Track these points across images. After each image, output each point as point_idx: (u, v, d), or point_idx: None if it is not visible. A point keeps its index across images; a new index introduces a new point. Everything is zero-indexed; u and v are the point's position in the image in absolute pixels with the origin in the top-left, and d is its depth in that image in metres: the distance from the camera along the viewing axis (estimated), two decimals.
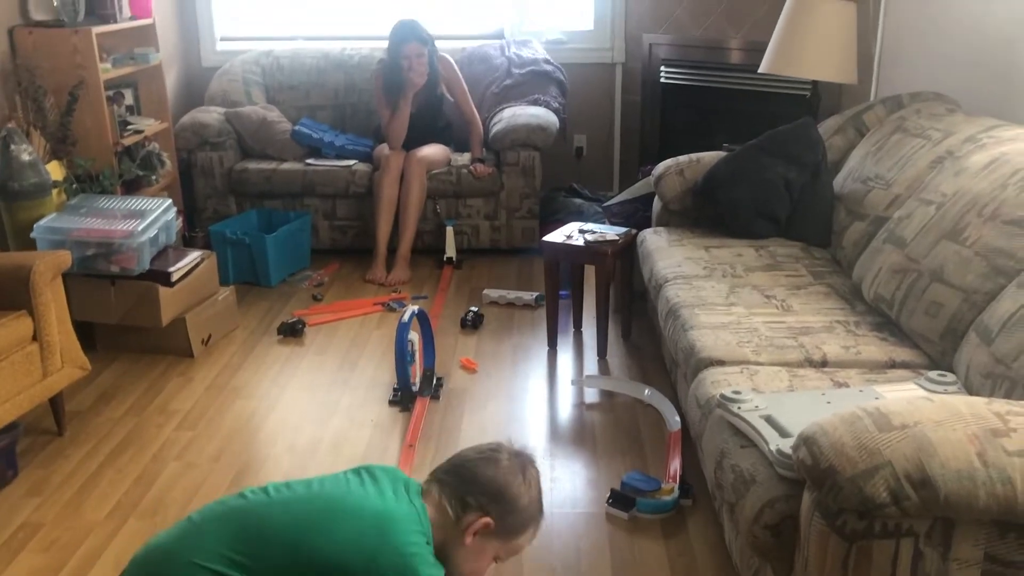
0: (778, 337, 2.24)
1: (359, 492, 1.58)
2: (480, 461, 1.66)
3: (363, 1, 4.86)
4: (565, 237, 3.22)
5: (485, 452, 1.69)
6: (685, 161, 3.22)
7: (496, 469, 1.64)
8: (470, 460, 1.67)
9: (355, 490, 1.59)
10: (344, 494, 1.58)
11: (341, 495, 1.57)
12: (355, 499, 1.56)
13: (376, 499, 1.56)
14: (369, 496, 1.57)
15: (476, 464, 1.66)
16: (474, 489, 1.62)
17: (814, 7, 3.25)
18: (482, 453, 1.69)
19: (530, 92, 4.42)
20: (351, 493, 1.58)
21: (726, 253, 2.87)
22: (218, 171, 4.18)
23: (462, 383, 3.04)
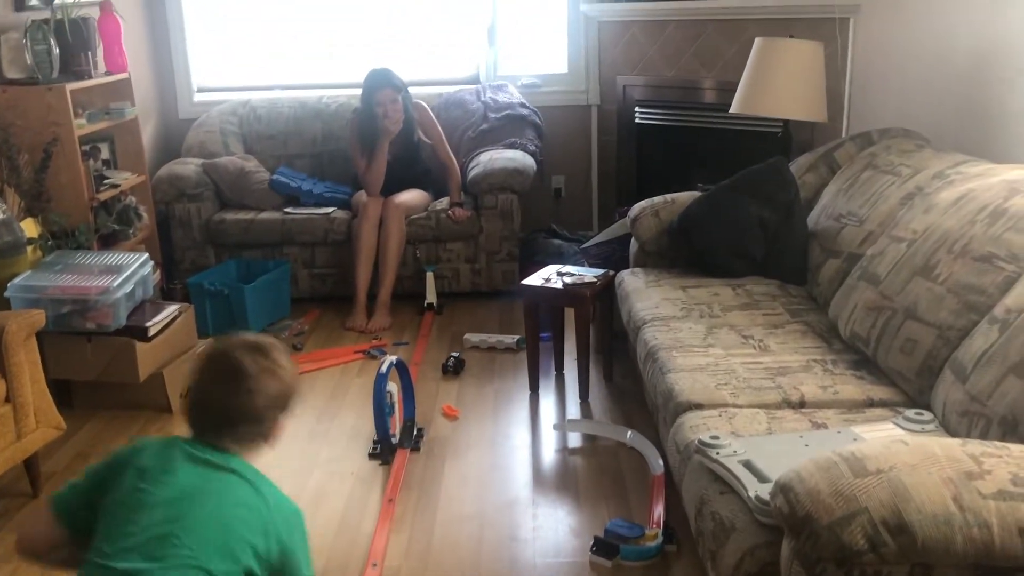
0: (756, 378, 2.24)
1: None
2: (240, 379, 1.53)
3: (339, 50, 4.90)
4: (543, 280, 3.22)
5: (236, 372, 1.54)
6: (660, 202, 3.24)
7: (257, 375, 1.54)
8: (239, 390, 1.53)
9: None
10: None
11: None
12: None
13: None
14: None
15: (242, 386, 1.53)
16: (265, 416, 1.56)
17: (781, 48, 3.30)
18: (239, 379, 1.54)
19: (507, 136, 4.45)
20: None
21: (703, 293, 2.88)
22: (196, 222, 4.18)
23: (443, 431, 3.01)
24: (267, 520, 1.50)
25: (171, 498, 1.47)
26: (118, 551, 1.43)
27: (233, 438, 1.55)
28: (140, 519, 1.45)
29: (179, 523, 1.44)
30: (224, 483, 1.51)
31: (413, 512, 2.55)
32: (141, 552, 1.42)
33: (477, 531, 2.45)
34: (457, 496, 2.62)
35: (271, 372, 1.55)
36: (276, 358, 1.58)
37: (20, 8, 3.55)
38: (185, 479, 1.49)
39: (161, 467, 1.50)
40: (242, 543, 1.46)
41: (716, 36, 4.13)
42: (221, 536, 1.45)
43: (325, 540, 2.41)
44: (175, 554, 1.42)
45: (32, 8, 3.58)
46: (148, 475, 1.49)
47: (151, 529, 1.44)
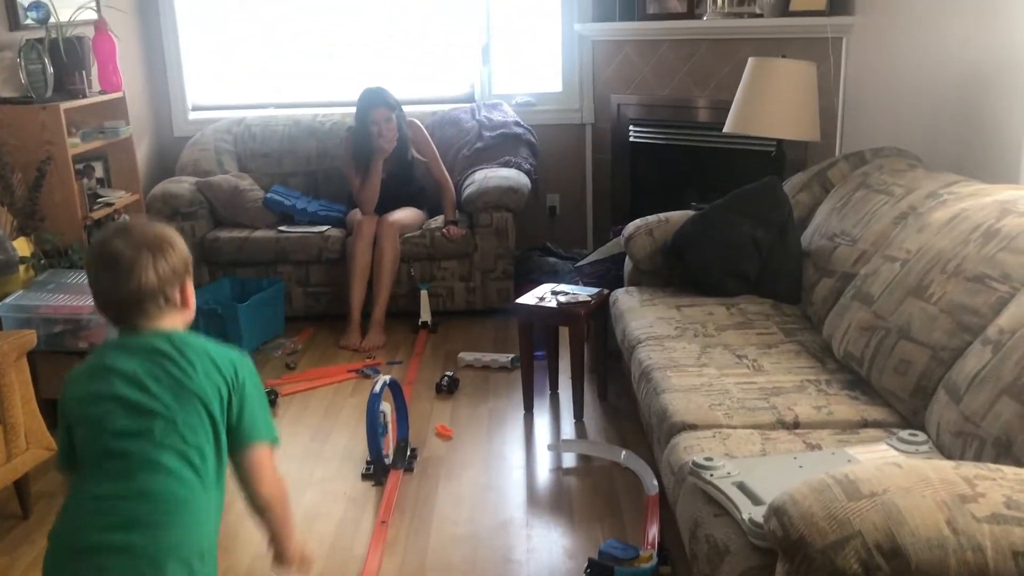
0: (750, 399, 2.23)
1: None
2: (135, 270, 1.52)
3: (334, 68, 4.92)
4: (537, 299, 3.22)
5: (126, 263, 1.52)
6: (654, 221, 3.25)
7: (137, 263, 1.52)
8: (134, 273, 1.52)
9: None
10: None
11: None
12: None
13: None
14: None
15: (136, 271, 1.52)
16: (166, 280, 1.54)
17: (774, 68, 3.32)
18: (130, 268, 1.52)
19: (501, 154, 4.47)
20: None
21: (697, 312, 2.88)
22: (190, 241, 4.10)
23: (437, 451, 3.00)
24: (193, 380, 1.51)
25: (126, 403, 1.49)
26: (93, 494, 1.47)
27: (144, 316, 1.55)
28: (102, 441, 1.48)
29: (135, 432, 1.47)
30: (169, 360, 1.52)
31: (406, 534, 2.53)
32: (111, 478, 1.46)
33: (471, 553, 2.44)
34: (451, 517, 2.61)
35: (151, 247, 1.54)
36: (150, 231, 1.57)
37: (15, 27, 3.56)
38: (133, 380, 1.50)
39: (100, 384, 1.51)
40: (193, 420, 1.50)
41: (709, 56, 4.15)
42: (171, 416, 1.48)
43: (317, 562, 2.39)
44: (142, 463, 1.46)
45: (27, 27, 3.59)
46: (88, 399, 1.51)
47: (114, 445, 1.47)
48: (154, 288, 1.53)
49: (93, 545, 1.43)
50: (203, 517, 1.49)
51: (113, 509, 1.44)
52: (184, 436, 1.48)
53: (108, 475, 1.47)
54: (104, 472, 1.47)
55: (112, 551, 1.43)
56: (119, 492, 1.45)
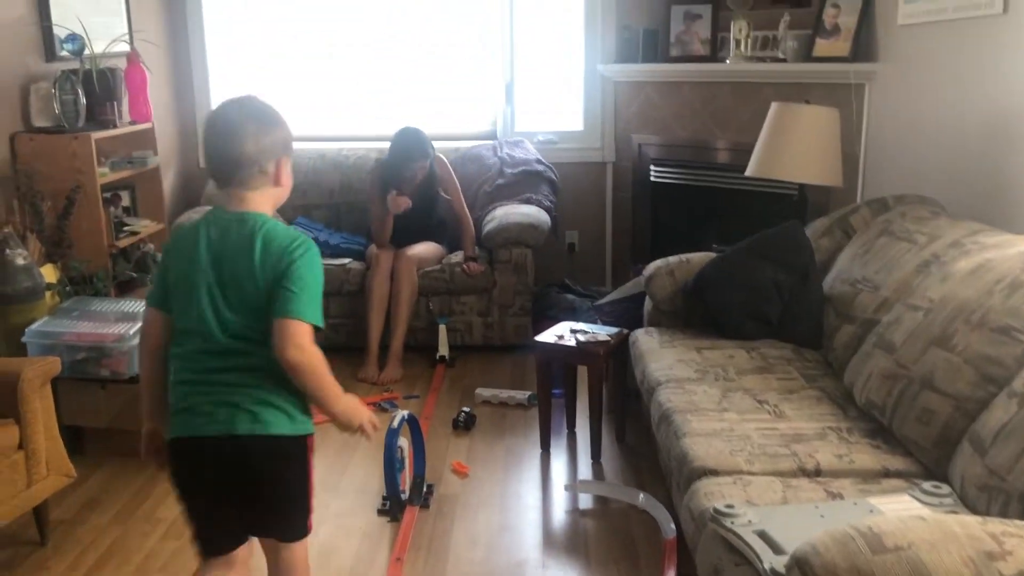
0: (771, 445, 2.22)
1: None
2: (241, 134, 1.74)
3: (359, 103, 4.98)
4: (557, 337, 3.22)
5: (234, 128, 1.75)
6: (675, 262, 3.25)
7: (246, 129, 1.75)
8: (239, 137, 1.74)
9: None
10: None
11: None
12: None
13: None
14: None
15: (241, 136, 1.74)
16: (262, 155, 1.76)
17: (798, 113, 3.34)
18: (234, 133, 1.75)
19: (522, 191, 4.50)
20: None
21: (718, 355, 2.88)
22: None
23: (453, 489, 3.00)
24: (260, 261, 1.73)
25: (208, 267, 1.74)
26: (183, 330, 1.78)
27: (241, 182, 1.76)
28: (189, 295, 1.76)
29: (217, 289, 1.74)
30: (241, 238, 1.75)
31: (421, 572, 2.52)
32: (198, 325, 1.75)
33: None
34: (466, 557, 2.59)
35: (258, 121, 1.76)
36: (261, 108, 1.79)
37: (51, 59, 3.64)
38: (214, 250, 1.75)
39: (191, 246, 1.77)
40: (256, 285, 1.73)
41: (730, 98, 4.18)
42: (240, 285, 1.74)
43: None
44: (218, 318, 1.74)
45: (63, 59, 3.66)
46: (184, 255, 1.78)
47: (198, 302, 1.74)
48: (252, 156, 1.74)
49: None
50: (262, 371, 1.74)
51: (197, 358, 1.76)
52: (245, 303, 1.73)
53: (190, 322, 1.76)
54: (186, 318, 1.77)
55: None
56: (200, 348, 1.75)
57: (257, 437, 1.74)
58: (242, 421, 1.74)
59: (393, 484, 2.80)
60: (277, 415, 1.76)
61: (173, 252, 1.83)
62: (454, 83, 4.95)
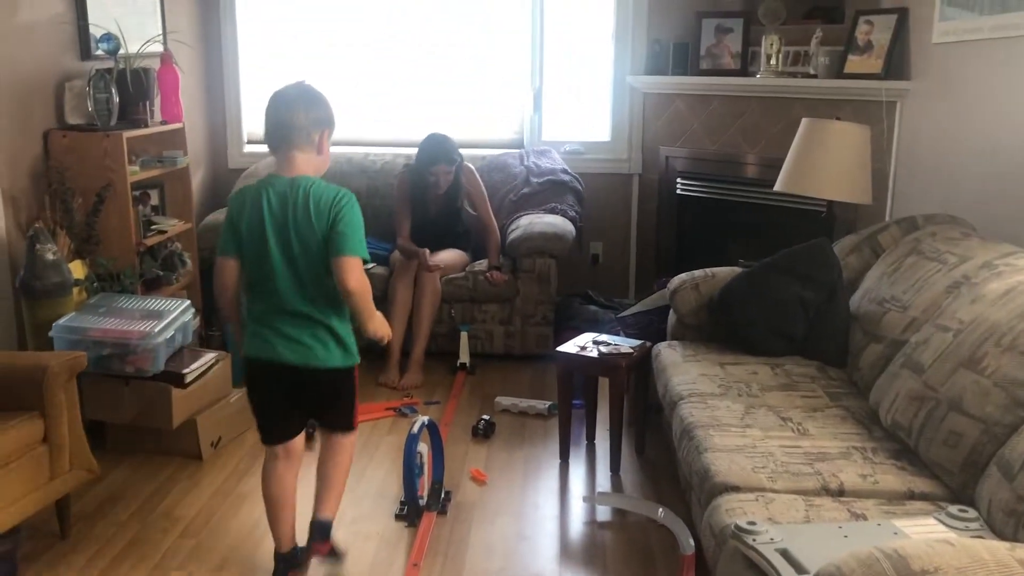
0: (794, 463, 2.20)
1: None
2: (294, 109, 2.26)
3: (387, 109, 5.00)
4: (579, 348, 3.22)
5: (290, 102, 2.28)
6: (700, 276, 3.24)
7: (298, 105, 2.27)
8: (292, 111, 2.26)
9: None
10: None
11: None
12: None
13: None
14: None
15: (294, 110, 2.26)
16: (310, 126, 2.27)
17: (828, 129, 3.32)
18: (289, 108, 2.27)
19: (547, 200, 4.50)
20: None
21: (741, 371, 2.86)
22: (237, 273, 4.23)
23: (471, 496, 2.99)
24: (314, 215, 2.22)
25: (272, 225, 2.23)
26: (257, 276, 2.28)
27: (293, 145, 2.26)
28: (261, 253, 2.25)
29: (282, 240, 2.23)
30: (296, 198, 2.23)
31: None
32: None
33: None
34: (482, 566, 2.59)
35: (307, 100, 2.28)
36: (311, 91, 2.32)
37: (86, 57, 3.69)
38: (275, 210, 2.24)
39: (256, 206, 2.25)
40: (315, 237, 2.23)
41: (760, 113, 4.17)
42: (300, 235, 2.22)
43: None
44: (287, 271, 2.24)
45: (97, 58, 3.71)
46: (251, 212, 2.26)
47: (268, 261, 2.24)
48: (302, 124, 2.25)
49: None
50: (324, 302, 2.27)
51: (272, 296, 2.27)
52: (306, 250, 2.23)
53: (262, 268, 2.25)
54: (259, 266, 2.26)
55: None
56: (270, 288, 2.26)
57: (319, 368, 2.30)
58: (308, 356, 2.28)
59: (412, 489, 2.80)
60: (335, 350, 2.32)
61: (241, 210, 2.28)
62: (483, 90, 4.97)
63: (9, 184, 3.28)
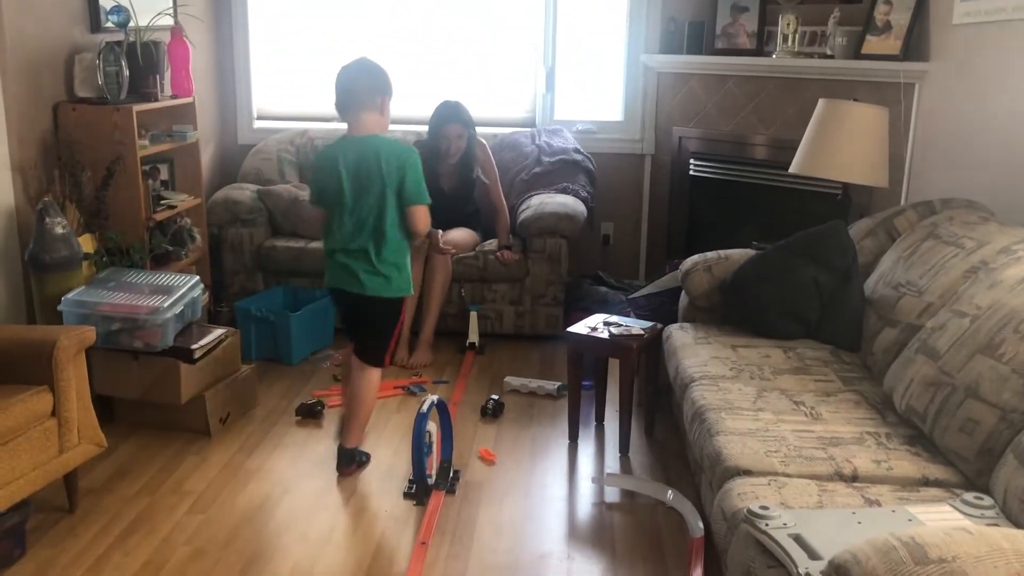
0: (807, 447, 2.18)
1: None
2: (358, 78, 2.85)
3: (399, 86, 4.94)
4: (589, 329, 3.19)
5: (353, 73, 2.87)
6: (713, 258, 3.21)
7: (361, 75, 2.86)
8: (356, 80, 2.85)
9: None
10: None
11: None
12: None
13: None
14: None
15: (358, 80, 2.85)
16: (372, 92, 2.84)
17: (845, 111, 3.27)
18: (353, 77, 2.86)
19: (559, 180, 4.46)
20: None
21: (754, 354, 2.83)
22: (247, 247, 4.23)
23: (479, 475, 2.99)
24: (382, 169, 2.76)
25: (347, 178, 2.79)
26: (335, 221, 2.84)
27: (361, 106, 2.81)
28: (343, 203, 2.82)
29: (356, 191, 2.79)
30: (368, 155, 2.78)
31: (445, 557, 2.51)
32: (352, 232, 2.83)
33: None
34: (490, 545, 2.58)
35: (368, 71, 2.86)
36: (371, 63, 2.89)
37: (96, 30, 3.65)
38: (351, 166, 2.79)
39: (333, 164, 2.79)
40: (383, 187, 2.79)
41: (775, 94, 4.11)
42: (372, 186, 2.78)
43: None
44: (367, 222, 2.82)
45: (107, 30, 3.67)
46: (330, 169, 2.81)
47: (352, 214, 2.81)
48: (367, 89, 2.81)
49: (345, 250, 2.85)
50: (377, 241, 2.81)
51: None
52: (377, 200, 2.78)
53: (340, 215, 2.82)
54: (334, 210, 2.83)
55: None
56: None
57: (366, 296, 2.82)
58: (365, 286, 2.81)
59: (420, 468, 2.80)
60: (387, 282, 2.83)
61: (322, 168, 2.84)
62: (495, 68, 4.91)
63: (19, 157, 3.26)
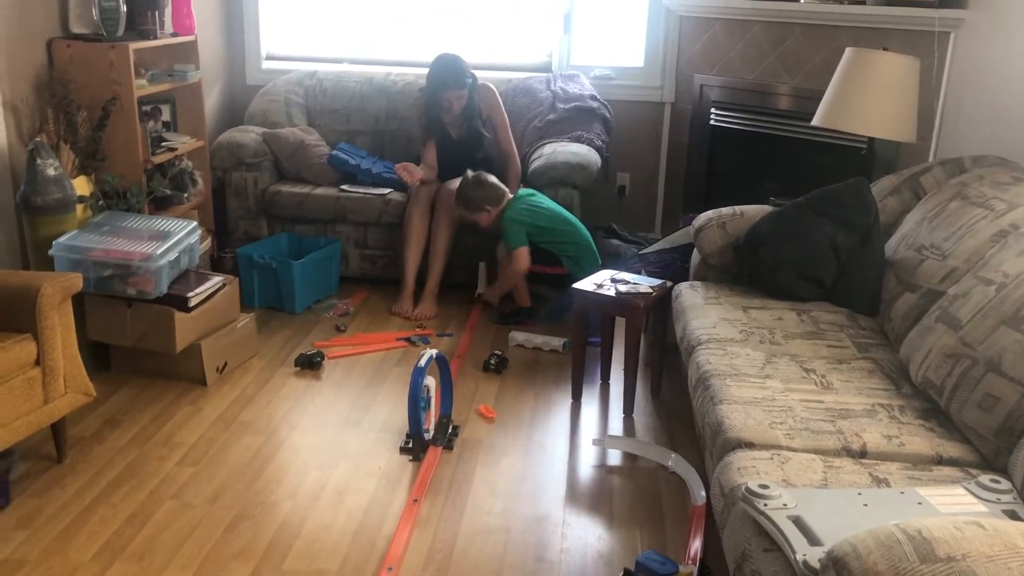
0: (815, 419, 2.06)
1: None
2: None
3: (410, 28, 4.78)
4: (596, 286, 3.07)
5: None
6: (728, 214, 3.06)
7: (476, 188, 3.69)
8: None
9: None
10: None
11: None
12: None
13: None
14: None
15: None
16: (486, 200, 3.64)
17: (874, 61, 3.08)
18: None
19: (573, 128, 4.30)
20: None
21: (766, 316, 2.70)
22: (251, 192, 4.12)
23: (478, 433, 2.90)
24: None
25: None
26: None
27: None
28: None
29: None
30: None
31: (437, 518, 2.43)
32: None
33: (501, 547, 2.33)
34: (484, 505, 2.50)
35: (481, 184, 3.72)
36: (485, 179, 3.72)
37: None
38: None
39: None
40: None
41: (802, 41, 3.90)
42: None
43: (344, 538, 2.32)
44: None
45: None
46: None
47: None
48: (482, 198, 3.74)
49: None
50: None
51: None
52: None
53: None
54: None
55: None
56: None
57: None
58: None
59: (416, 423, 2.72)
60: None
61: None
62: (511, 11, 4.72)
63: (11, 94, 3.14)
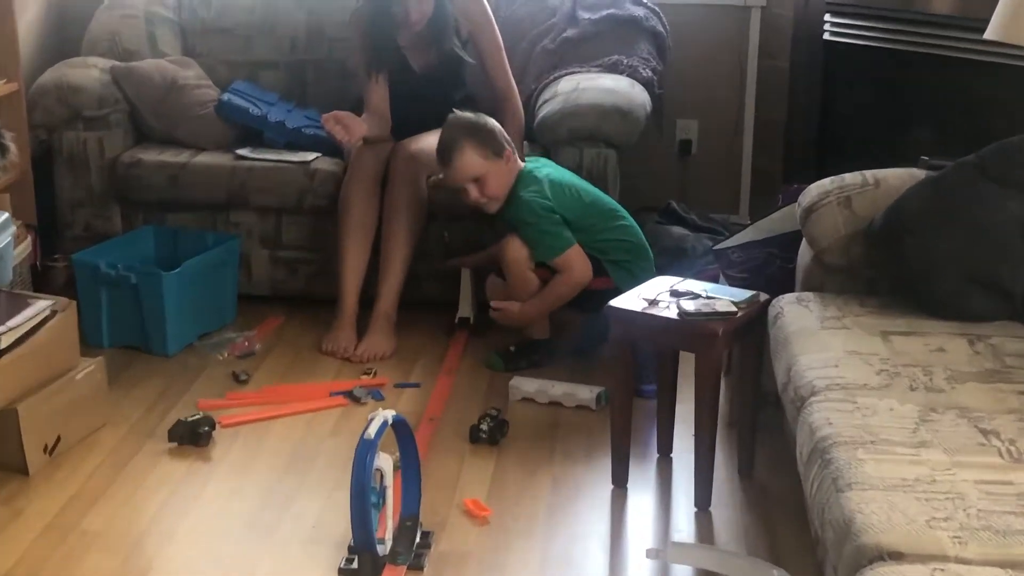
0: (999, 511, 2.10)
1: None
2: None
3: None
4: (647, 303, 3.12)
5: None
6: (855, 184, 3.13)
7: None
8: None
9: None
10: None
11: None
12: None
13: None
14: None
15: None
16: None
17: None
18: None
19: (605, 51, 4.44)
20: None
21: (918, 346, 2.77)
22: (96, 163, 4.20)
23: (464, 542, 2.96)
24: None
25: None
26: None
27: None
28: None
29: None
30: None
31: None
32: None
33: None
34: None
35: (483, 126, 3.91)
36: (486, 120, 3.92)
37: None
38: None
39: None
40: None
41: None
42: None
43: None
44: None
45: None
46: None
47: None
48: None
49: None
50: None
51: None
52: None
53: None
54: None
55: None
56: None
57: None
58: None
59: (365, 530, 2.75)
60: None
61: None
62: None
63: None
